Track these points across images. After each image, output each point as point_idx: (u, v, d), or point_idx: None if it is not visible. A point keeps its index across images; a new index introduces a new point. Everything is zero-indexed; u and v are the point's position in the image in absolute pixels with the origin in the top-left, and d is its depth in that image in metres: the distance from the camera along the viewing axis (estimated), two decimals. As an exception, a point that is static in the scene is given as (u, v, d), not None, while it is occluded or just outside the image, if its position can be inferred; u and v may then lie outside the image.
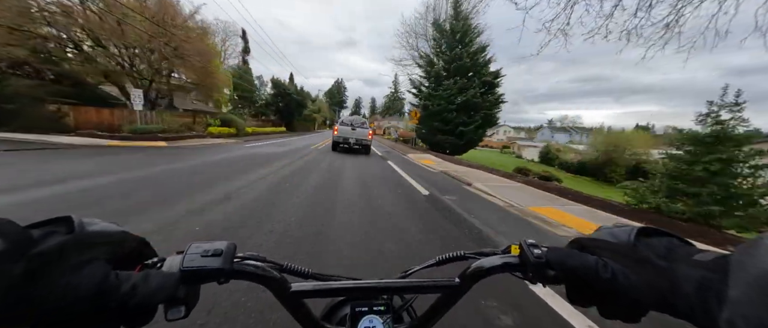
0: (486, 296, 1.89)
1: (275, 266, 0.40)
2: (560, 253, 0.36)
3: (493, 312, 1.76)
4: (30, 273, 0.24)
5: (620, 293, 0.32)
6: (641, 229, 0.33)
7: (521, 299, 1.91)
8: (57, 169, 4.95)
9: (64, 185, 3.95)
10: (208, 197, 3.84)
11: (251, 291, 1.73)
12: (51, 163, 5.46)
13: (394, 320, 0.44)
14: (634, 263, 0.31)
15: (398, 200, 4.65)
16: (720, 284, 0.24)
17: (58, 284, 0.25)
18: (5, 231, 0.24)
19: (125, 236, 0.33)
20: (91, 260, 0.28)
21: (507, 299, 1.88)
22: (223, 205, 3.58)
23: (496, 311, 1.77)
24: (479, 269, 0.41)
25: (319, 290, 0.41)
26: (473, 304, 1.81)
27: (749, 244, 0.23)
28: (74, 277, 0.26)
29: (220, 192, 4.16)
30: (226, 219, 3.10)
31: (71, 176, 4.45)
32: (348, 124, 12.68)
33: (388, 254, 2.53)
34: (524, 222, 4.03)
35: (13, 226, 0.25)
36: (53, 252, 0.25)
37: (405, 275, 0.48)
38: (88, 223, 0.30)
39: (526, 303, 1.88)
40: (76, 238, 0.28)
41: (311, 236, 2.79)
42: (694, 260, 0.28)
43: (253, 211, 3.43)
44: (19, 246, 0.24)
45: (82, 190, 3.83)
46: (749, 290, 0.21)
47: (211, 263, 0.33)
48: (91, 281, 0.27)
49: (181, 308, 0.31)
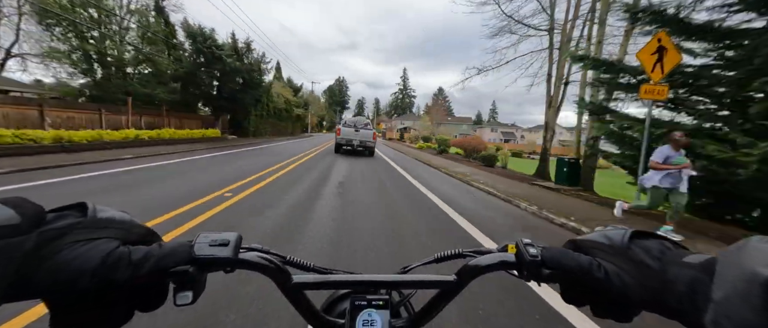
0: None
1: (279, 258, 0.41)
2: (555, 253, 0.37)
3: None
4: (41, 246, 0.25)
5: (613, 292, 0.32)
6: (635, 232, 0.34)
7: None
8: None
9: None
10: None
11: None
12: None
13: (393, 315, 0.44)
14: (627, 264, 0.32)
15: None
16: (707, 285, 0.24)
17: (67, 258, 0.26)
18: (20, 207, 0.25)
19: (134, 224, 0.33)
20: (100, 237, 0.29)
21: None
22: None
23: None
24: (476, 266, 0.41)
25: (319, 283, 0.42)
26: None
27: (735, 246, 0.24)
28: (82, 250, 0.27)
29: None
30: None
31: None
32: (351, 126, 12.65)
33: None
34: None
35: (28, 203, 0.26)
36: (64, 228, 0.27)
37: (404, 271, 0.49)
38: (101, 209, 0.31)
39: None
40: (89, 220, 0.29)
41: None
42: (685, 262, 0.28)
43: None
44: (32, 221, 0.25)
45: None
46: (732, 291, 0.21)
47: (219, 252, 0.34)
48: (98, 253, 0.27)
49: (188, 294, 0.32)
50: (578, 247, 0.37)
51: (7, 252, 0.23)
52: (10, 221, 0.24)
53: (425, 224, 4.13)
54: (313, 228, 3.56)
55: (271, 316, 1.86)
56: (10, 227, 0.24)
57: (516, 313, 2.12)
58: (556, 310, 2.16)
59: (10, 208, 0.24)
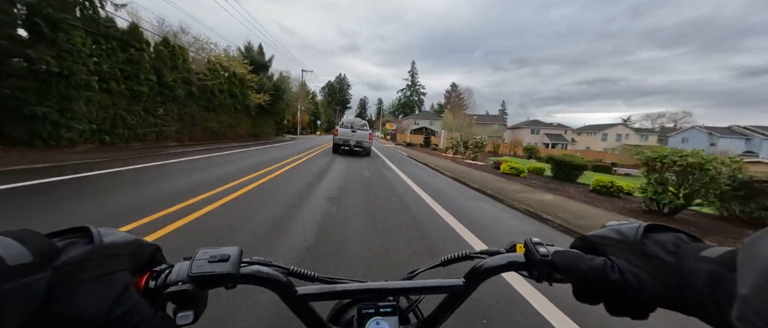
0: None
1: (281, 270, 0.40)
2: (567, 256, 0.35)
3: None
4: (55, 283, 0.23)
5: (629, 292, 0.31)
6: (648, 226, 0.32)
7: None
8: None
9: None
10: None
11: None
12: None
13: (401, 322, 0.43)
14: (642, 260, 0.30)
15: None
16: (729, 279, 0.23)
17: (83, 301, 0.24)
18: (31, 241, 0.23)
19: (140, 243, 0.32)
20: (114, 271, 0.27)
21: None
22: None
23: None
24: (485, 268, 0.40)
25: (325, 293, 0.41)
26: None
27: (756, 237, 0.22)
28: (98, 289, 0.25)
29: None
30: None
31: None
32: (348, 127, 12.26)
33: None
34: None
35: (39, 237, 0.25)
36: (77, 263, 0.25)
37: (411, 276, 0.48)
38: (105, 233, 0.29)
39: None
40: (98, 248, 0.27)
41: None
42: (703, 256, 0.27)
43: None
44: (45, 257, 0.24)
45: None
46: (758, 285, 0.20)
47: (219, 268, 0.33)
48: (114, 292, 0.26)
49: (189, 313, 0.31)
50: (589, 244, 0.36)
51: (21, 295, 0.21)
52: (22, 260, 0.22)
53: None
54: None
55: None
56: (23, 267, 0.21)
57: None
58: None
59: (19, 242, 0.22)
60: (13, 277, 0.21)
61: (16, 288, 0.20)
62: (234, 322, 1.54)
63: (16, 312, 0.21)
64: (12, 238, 0.23)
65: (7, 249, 0.22)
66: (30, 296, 0.21)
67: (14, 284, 0.20)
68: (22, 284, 0.21)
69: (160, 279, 0.32)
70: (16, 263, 0.21)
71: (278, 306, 1.65)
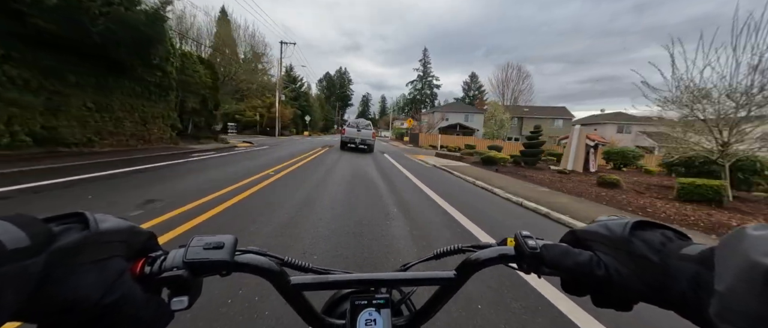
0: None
1: (276, 259, 0.40)
2: (555, 250, 0.36)
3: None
4: (51, 267, 0.23)
5: (614, 287, 0.32)
6: (636, 222, 0.33)
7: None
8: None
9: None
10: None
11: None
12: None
13: (394, 313, 0.43)
14: (627, 257, 0.31)
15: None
16: (707, 277, 0.24)
17: (78, 283, 0.25)
18: (28, 226, 0.23)
19: (135, 230, 0.32)
20: (110, 257, 0.28)
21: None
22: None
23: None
24: (476, 260, 0.41)
25: (318, 283, 0.41)
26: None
27: (731, 236, 0.23)
28: (93, 274, 0.26)
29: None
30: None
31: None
32: (354, 126, 14.55)
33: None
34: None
35: (36, 221, 0.24)
36: (73, 248, 0.25)
37: (404, 268, 0.49)
38: (101, 219, 0.29)
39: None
40: (94, 235, 0.27)
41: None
42: (684, 254, 0.28)
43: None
44: (42, 241, 0.23)
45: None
46: (734, 282, 0.21)
47: (214, 256, 0.33)
48: (109, 277, 0.26)
49: (184, 299, 0.32)
50: (578, 239, 0.37)
51: (19, 278, 0.21)
52: (20, 243, 0.22)
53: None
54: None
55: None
56: (21, 250, 0.22)
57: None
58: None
59: (17, 227, 0.22)
60: (11, 260, 0.21)
61: (14, 271, 0.21)
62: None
63: (15, 295, 0.21)
64: (9, 222, 0.23)
65: (5, 233, 0.22)
66: (28, 279, 0.22)
67: (13, 267, 0.21)
68: (20, 267, 0.21)
69: (155, 265, 0.32)
70: (14, 246, 0.21)
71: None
